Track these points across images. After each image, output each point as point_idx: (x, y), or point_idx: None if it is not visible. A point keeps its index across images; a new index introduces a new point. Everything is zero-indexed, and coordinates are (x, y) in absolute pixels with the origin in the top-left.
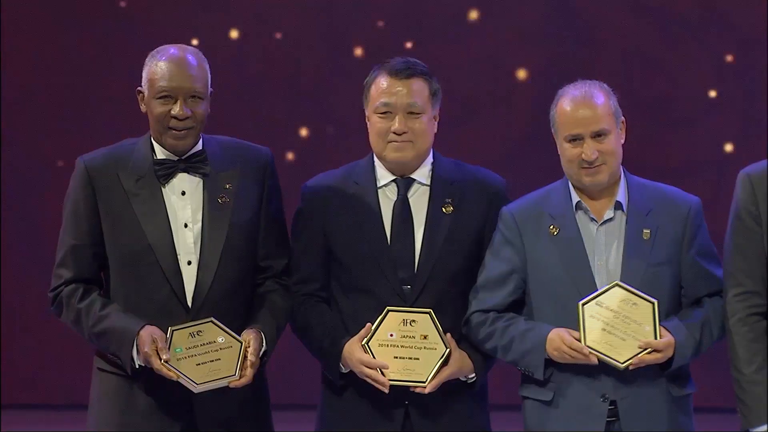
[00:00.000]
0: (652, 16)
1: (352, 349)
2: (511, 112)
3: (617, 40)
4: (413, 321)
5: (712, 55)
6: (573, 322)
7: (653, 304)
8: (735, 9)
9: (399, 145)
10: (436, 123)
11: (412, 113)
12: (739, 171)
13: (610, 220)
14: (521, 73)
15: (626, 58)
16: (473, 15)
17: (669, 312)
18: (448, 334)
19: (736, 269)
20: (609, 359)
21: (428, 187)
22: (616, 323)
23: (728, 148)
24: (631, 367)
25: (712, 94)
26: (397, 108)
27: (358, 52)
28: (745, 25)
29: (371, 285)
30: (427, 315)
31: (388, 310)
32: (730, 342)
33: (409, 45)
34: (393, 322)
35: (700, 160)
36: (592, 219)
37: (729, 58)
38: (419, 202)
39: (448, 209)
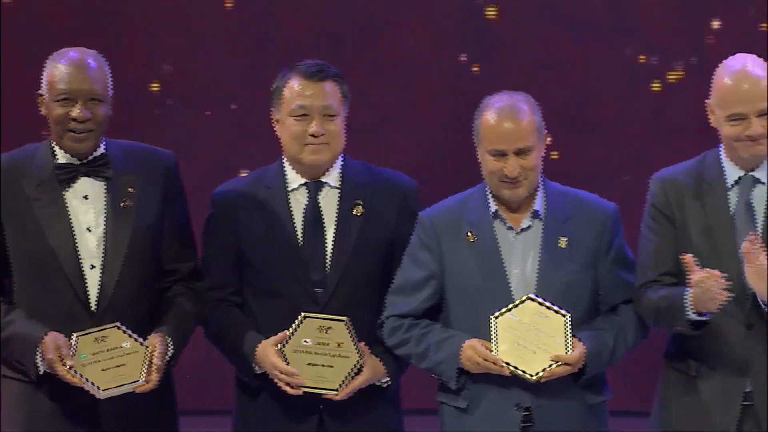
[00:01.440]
0: (563, 22)
1: (266, 352)
2: (422, 118)
3: (528, 46)
4: (329, 328)
5: (622, 59)
6: (489, 330)
7: (565, 317)
8: (646, 13)
9: (316, 148)
10: (345, 126)
11: (327, 115)
12: (649, 175)
13: (528, 228)
14: (433, 80)
15: (537, 63)
16: (387, 20)
17: (585, 319)
18: (362, 343)
19: (648, 267)
20: (520, 372)
21: (338, 190)
22: (528, 336)
23: (638, 152)
24: (542, 380)
25: (624, 98)
26: (313, 110)
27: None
28: (655, 28)
29: (283, 288)
30: (343, 323)
31: (305, 317)
32: (651, 309)
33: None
34: (308, 329)
35: (612, 165)
36: (509, 227)
37: (641, 59)
38: (330, 204)
39: (358, 211)
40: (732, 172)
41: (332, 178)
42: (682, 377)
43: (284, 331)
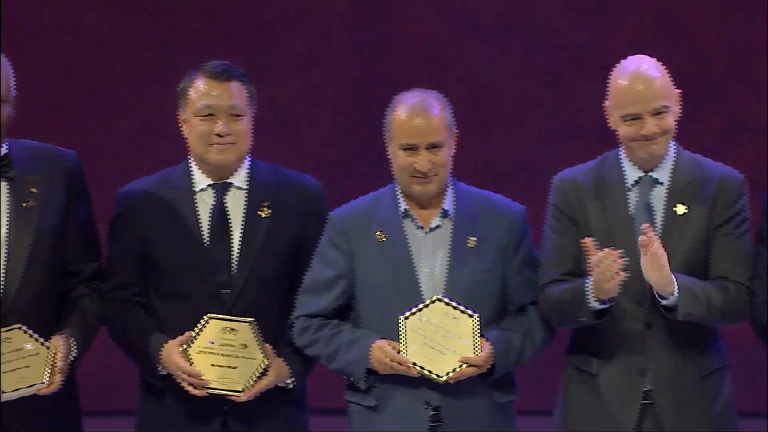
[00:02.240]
0: (463, 21)
1: (171, 353)
2: (324, 118)
3: (428, 46)
4: (234, 329)
5: (522, 62)
6: (397, 331)
7: (473, 318)
8: (544, 17)
9: (222, 148)
10: (252, 126)
11: (233, 115)
12: (550, 176)
13: (437, 227)
14: (338, 79)
15: (439, 62)
16: (288, 20)
17: (494, 319)
18: (267, 345)
19: (551, 266)
20: (429, 372)
21: (245, 191)
22: (437, 337)
23: (538, 153)
24: (451, 381)
25: (525, 97)
26: (218, 110)
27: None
28: (554, 33)
29: (189, 290)
30: (248, 324)
31: (209, 318)
32: (554, 305)
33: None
34: (213, 330)
35: (510, 164)
36: (419, 226)
37: (540, 62)
38: (236, 206)
39: (265, 213)
40: (631, 173)
41: (239, 179)
42: (583, 376)
43: (189, 332)
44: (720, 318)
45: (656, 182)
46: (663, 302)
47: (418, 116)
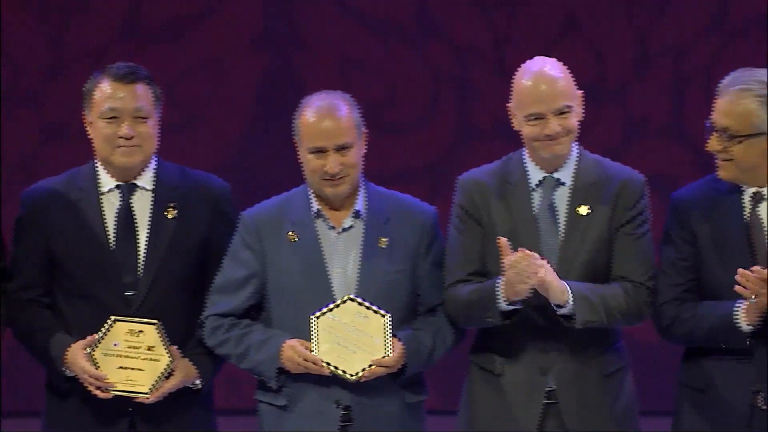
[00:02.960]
0: (370, 24)
1: (75, 356)
2: (231, 118)
3: (336, 47)
4: (140, 331)
5: (428, 64)
6: (309, 329)
7: (385, 317)
8: (451, 20)
9: (127, 150)
10: (159, 128)
11: (138, 117)
12: (454, 177)
13: (349, 228)
14: (243, 79)
15: (344, 64)
16: (194, 19)
17: (405, 319)
18: (174, 346)
19: (456, 266)
20: (340, 371)
21: (152, 193)
22: (348, 336)
23: (444, 154)
24: (362, 380)
25: (428, 101)
26: (123, 113)
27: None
28: (460, 35)
29: (95, 291)
30: (154, 326)
31: (115, 320)
32: (461, 304)
33: (130, 48)
34: (119, 332)
35: (417, 166)
36: (331, 227)
37: (446, 64)
38: (143, 207)
39: (171, 214)
40: (535, 174)
41: (145, 180)
42: (487, 375)
43: (94, 334)
44: (620, 321)
45: (559, 183)
46: (560, 311)
47: (325, 118)
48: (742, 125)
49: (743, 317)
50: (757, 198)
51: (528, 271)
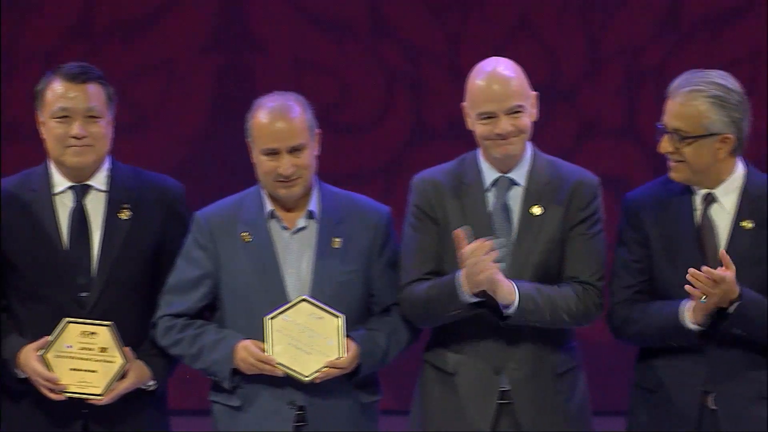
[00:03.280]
0: (323, 25)
1: (28, 358)
2: (185, 118)
3: (289, 48)
4: (93, 333)
5: (382, 65)
6: (263, 330)
7: (339, 318)
8: (403, 21)
9: (79, 150)
10: (112, 128)
11: (91, 117)
12: (408, 177)
13: (303, 228)
14: (196, 79)
15: (297, 65)
16: (147, 20)
17: (359, 319)
18: (127, 348)
19: (412, 266)
20: (294, 372)
21: (105, 193)
22: (302, 337)
23: (398, 154)
24: (316, 381)
25: (382, 102)
26: (75, 112)
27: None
28: (413, 36)
29: (48, 292)
30: (107, 328)
31: (67, 322)
32: (420, 302)
33: (84, 49)
34: (72, 334)
35: (371, 166)
36: (285, 227)
37: (400, 65)
38: (96, 208)
39: (125, 215)
40: (489, 174)
41: (99, 181)
42: (441, 375)
43: (46, 336)
44: (566, 322)
45: (513, 183)
46: (505, 311)
47: (278, 120)
48: (693, 126)
49: (689, 316)
50: (708, 199)
51: (486, 260)
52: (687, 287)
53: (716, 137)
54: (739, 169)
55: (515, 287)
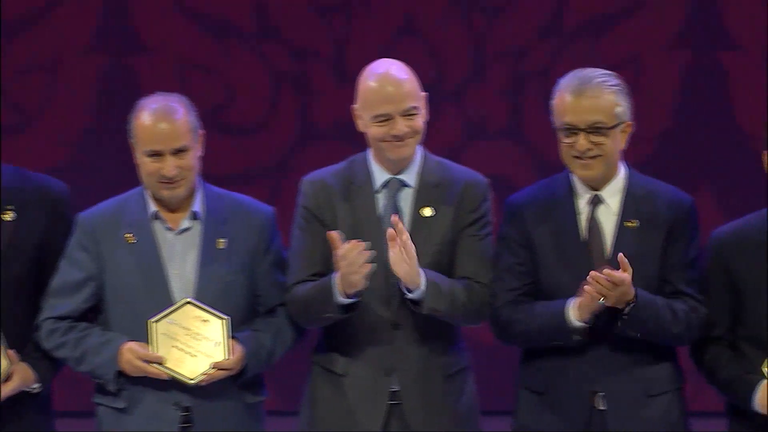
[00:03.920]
0: (208, 26)
1: None
2: (69, 119)
3: (174, 49)
4: None
5: (268, 66)
6: (147, 333)
7: (223, 320)
8: (288, 22)
9: None
10: None
11: None
12: (295, 178)
13: (187, 229)
14: (80, 80)
15: (182, 66)
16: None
17: (244, 320)
18: (11, 351)
19: (299, 267)
20: (179, 375)
21: None
22: (187, 340)
23: (284, 156)
24: (202, 383)
25: (268, 103)
26: None
27: None
28: (299, 37)
29: None
30: None
31: None
32: (302, 303)
33: None
34: None
35: (257, 167)
36: (169, 228)
37: (285, 68)
38: None
39: (9, 216)
40: (379, 176)
41: None
42: (330, 375)
43: None
44: (463, 316)
45: (404, 185)
46: (409, 295)
47: (161, 121)
48: (609, 117)
49: (574, 315)
50: (595, 201)
51: (359, 261)
52: (587, 288)
53: (623, 125)
54: (622, 171)
55: (421, 271)
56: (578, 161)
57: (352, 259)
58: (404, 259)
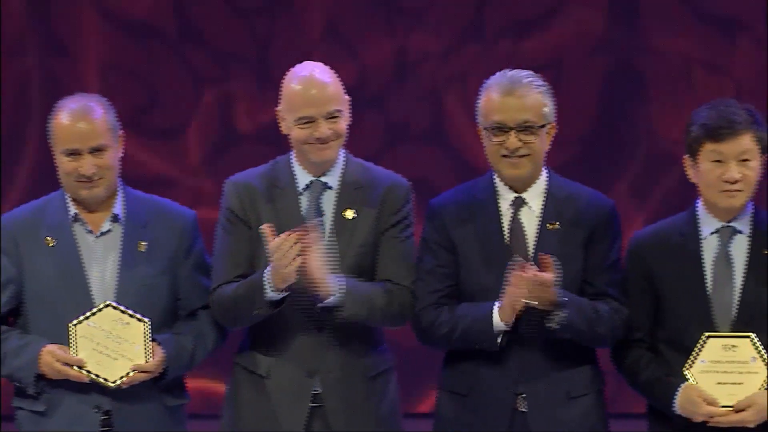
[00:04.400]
0: (129, 29)
1: None
2: None
3: (95, 52)
4: None
5: (189, 69)
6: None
7: (144, 323)
8: (210, 25)
9: None
10: None
11: None
12: (217, 181)
13: (108, 232)
14: (4, 81)
15: (104, 68)
16: None
17: (165, 323)
18: None
19: (223, 269)
20: (100, 378)
21: None
22: (108, 343)
23: (206, 158)
24: (123, 386)
25: (190, 106)
26: None
27: None
28: (221, 40)
29: None
30: None
31: None
32: (228, 302)
33: None
34: None
35: (179, 171)
36: (89, 231)
37: (206, 71)
38: None
39: None
40: (302, 178)
41: None
42: (253, 377)
43: None
44: (382, 319)
45: (326, 187)
46: (325, 302)
47: (79, 121)
48: (537, 116)
49: (499, 316)
50: (518, 203)
51: (291, 254)
52: (511, 289)
53: (548, 126)
54: (543, 173)
55: (337, 278)
56: (507, 160)
57: (284, 251)
58: (310, 267)
